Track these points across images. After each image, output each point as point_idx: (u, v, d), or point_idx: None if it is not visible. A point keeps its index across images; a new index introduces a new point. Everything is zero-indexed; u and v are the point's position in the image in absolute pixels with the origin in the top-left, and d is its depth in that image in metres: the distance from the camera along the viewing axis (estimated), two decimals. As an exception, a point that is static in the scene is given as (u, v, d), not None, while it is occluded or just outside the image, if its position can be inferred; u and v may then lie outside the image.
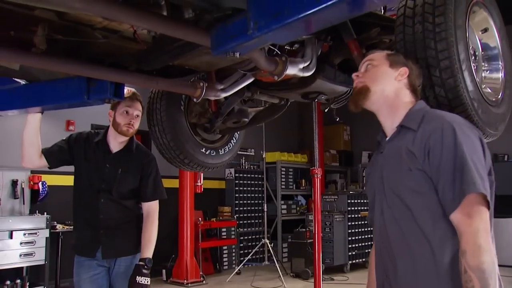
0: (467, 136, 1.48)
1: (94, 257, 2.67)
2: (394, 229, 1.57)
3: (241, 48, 1.82)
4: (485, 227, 1.39)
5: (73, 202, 2.82)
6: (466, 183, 1.39)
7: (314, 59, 2.47)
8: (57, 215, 6.19)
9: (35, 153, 2.71)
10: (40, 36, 2.17)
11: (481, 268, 1.32)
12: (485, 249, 1.35)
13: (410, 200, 1.53)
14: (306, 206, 9.58)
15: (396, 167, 1.59)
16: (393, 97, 1.70)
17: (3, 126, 6.07)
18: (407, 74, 1.73)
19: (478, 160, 1.45)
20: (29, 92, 2.69)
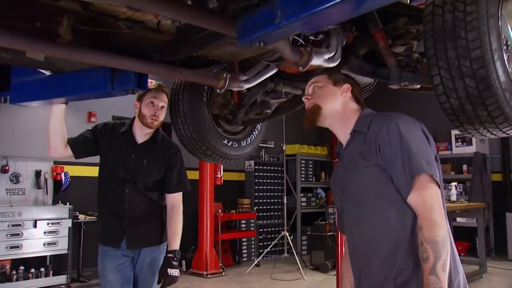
0: (410, 128, 1.64)
1: (118, 247, 2.68)
2: (363, 227, 1.70)
3: (267, 38, 1.79)
4: (438, 203, 1.53)
5: (97, 192, 2.83)
6: (414, 168, 1.55)
7: (339, 49, 2.42)
8: (79, 205, 6.27)
9: (60, 143, 2.72)
10: (65, 26, 2.18)
11: (435, 240, 1.46)
12: (439, 224, 1.49)
13: (371, 196, 1.66)
14: (325, 199, 9.53)
15: (353, 169, 1.73)
16: (342, 110, 1.88)
17: (27, 117, 6.15)
18: (350, 89, 1.91)
19: (422, 147, 1.61)
20: (53, 83, 2.71)
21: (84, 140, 2.79)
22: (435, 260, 1.45)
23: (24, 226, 5.53)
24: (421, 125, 1.72)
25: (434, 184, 1.56)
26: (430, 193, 1.54)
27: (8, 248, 5.39)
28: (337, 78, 1.96)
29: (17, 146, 6.06)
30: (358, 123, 1.81)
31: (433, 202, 1.53)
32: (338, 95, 1.90)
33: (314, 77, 2.02)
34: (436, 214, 1.50)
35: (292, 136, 8.87)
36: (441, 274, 1.45)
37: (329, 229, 7.35)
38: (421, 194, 1.54)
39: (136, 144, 2.79)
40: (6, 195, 5.85)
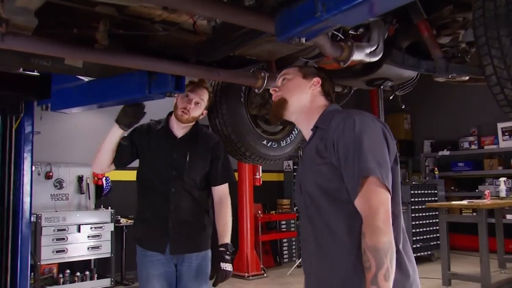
0: (367, 126, 1.54)
1: (163, 253, 2.56)
2: (312, 227, 1.63)
3: (307, 32, 1.72)
4: (385, 209, 1.43)
5: (138, 195, 2.75)
6: (362, 168, 1.46)
7: (381, 43, 2.33)
8: (120, 209, 6.35)
9: (107, 162, 2.66)
10: (102, 31, 2.17)
11: (377, 247, 1.37)
12: (382, 230, 1.39)
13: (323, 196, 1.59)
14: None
15: (310, 166, 1.67)
16: (309, 105, 1.81)
17: (68, 123, 6.28)
18: (319, 83, 1.84)
19: (377, 148, 1.51)
20: (92, 89, 2.73)
21: (123, 150, 2.70)
22: (377, 269, 1.37)
23: (68, 231, 5.64)
24: (382, 125, 1.63)
25: (383, 188, 1.45)
26: (376, 197, 1.44)
27: (55, 252, 5.51)
28: (307, 71, 1.89)
29: (60, 152, 6.19)
30: (320, 119, 1.74)
31: (379, 207, 1.42)
32: (306, 89, 1.83)
33: (285, 69, 1.95)
34: (380, 220, 1.41)
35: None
36: (382, 284, 1.37)
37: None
38: (367, 198, 1.45)
39: (176, 139, 2.69)
40: (51, 201, 5.99)
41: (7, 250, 3.07)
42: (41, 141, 5.04)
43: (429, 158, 9.30)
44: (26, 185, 3.15)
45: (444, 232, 5.85)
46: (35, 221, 5.32)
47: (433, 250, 7.75)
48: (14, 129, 3.09)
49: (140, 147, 2.71)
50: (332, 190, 1.57)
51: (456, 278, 5.90)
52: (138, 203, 2.75)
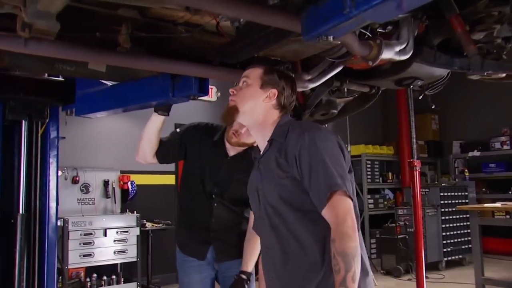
0: (326, 141, 1.64)
1: (204, 259, 2.54)
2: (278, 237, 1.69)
3: (335, 30, 1.65)
4: (351, 217, 1.54)
5: (179, 199, 2.71)
6: (328, 184, 1.55)
7: (411, 40, 2.23)
8: (146, 213, 6.35)
9: (149, 151, 2.58)
10: (124, 34, 2.15)
11: (346, 252, 1.48)
12: (350, 236, 1.50)
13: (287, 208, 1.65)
14: (394, 200, 9.15)
15: (271, 178, 1.70)
16: (262, 117, 1.80)
17: (93, 128, 6.32)
18: (276, 96, 1.81)
19: (337, 162, 1.61)
20: (115, 93, 2.71)
21: (170, 146, 2.62)
22: (346, 272, 1.48)
23: (95, 235, 5.65)
24: (337, 137, 1.71)
25: (348, 198, 1.57)
26: (343, 207, 1.55)
27: (81, 256, 5.53)
28: (268, 79, 1.83)
29: (86, 157, 6.24)
30: (276, 132, 1.77)
31: (346, 215, 1.54)
32: (260, 101, 1.80)
33: (251, 68, 1.89)
34: (348, 227, 1.51)
35: (356, 136, 8.59)
36: (351, 285, 1.48)
37: (400, 232, 7.01)
38: (334, 208, 1.55)
39: (227, 156, 2.58)
40: (77, 205, 6.03)
41: (34, 255, 3.07)
42: (67, 146, 5.09)
43: (458, 159, 9.06)
44: (52, 190, 3.15)
45: (477, 235, 5.65)
46: (62, 226, 5.35)
47: (465, 254, 7.56)
48: (40, 134, 3.09)
49: (190, 152, 2.62)
50: (295, 201, 1.65)
51: (491, 283, 5.70)
52: (180, 208, 2.72)
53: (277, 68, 1.93)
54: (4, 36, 1.86)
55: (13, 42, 1.85)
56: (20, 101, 2.98)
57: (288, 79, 1.89)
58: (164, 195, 6.79)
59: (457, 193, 7.60)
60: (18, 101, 2.97)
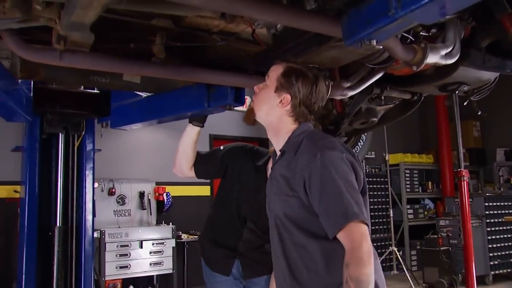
0: (340, 166, 1.54)
1: (228, 275, 2.49)
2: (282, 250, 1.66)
3: (379, 34, 1.56)
4: (367, 242, 1.47)
5: (212, 214, 2.65)
6: (345, 213, 1.48)
7: (458, 43, 2.11)
8: (181, 225, 6.33)
9: (186, 163, 2.51)
10: (159, 45, 2.12)
11: (360, 279, 1.41)
12: (365, 262, 1.44)
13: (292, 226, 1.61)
14: (434, 210, 8.86)
15: (278, 192, 1.66)
16: (276, 123, 1.71)
17: (128, 140, 6.37)
18: (289, 102, 1.69)
19: (351, 187, 1.52)
20: (150, 104, 2.69)
21: (210, 163, 2.55)
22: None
23: (131, 247, 5.67)
24: (351, 155, 1.61)
25: (362, 223, 1.49)
26: (358, 231, 1.48)
27: (118, 268, 5.54)
28: (285, 82, 1.70)
29: (121, 169, 6.29)
30: (288, 143, 1.68)
31: (362, 240, 1.47)
32: (274, 106, 1.70)
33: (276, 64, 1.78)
34: (363, 252, 1.45)
35: (393, 144, 8.38)
36: None
37: (443, 243, 6.75)
38: (349, 234, 1.48)
39: None
40: (114, 217, 6.07)
41: (71, 267, 3.08)
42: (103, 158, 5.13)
43: (503, 168, 8.69)
44: (88, 203, 3.15)
45: (526, 248, 5.38)
46: (99, 237, 5.38)
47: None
48: (76, 147, 3.10)
49: (230, 172, 2.53)
50: (300, 220, 1.59)
51: (541, 298, 5.40)
52: (209, 222, 2.64)
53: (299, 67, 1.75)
54: (39, 49, 1.86)
55: (49, 55, 1.84)
56: (57, 114, 2.99)
57: (306, 80, 1.71)
58: (200, 206, 6.76)
59: (504, 203, 7.26)
60: (55, 114, 2.99)
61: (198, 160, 2.52)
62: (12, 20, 1.65)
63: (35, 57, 1.85)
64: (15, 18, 1.64)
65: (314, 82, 1.72)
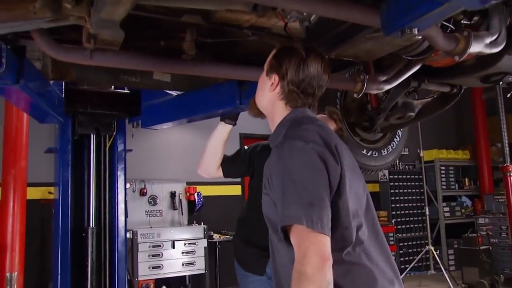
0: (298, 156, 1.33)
1: (263, 275, 2.48)
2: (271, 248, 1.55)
3: (421, 22, 1.47)
4: (316, 252, 1.22)
5: (243, 214, 2.65)
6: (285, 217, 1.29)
7: (504, 30, 1.99)
8: (213, 224, 6.33)
9: (214, 164, 2.50)
10: (189, 41, 2.07)
11: None
12: (309, 277, 1.19)
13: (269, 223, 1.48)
14: (472, 208, 8.60)
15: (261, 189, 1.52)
16: (270, 109, 1.58)
17: (158, 140, 6.39)
18: (277, 83, 1.53)
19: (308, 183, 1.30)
20: (181, 103, 2.66)
21: (238, 163, 2.55)
22: None
23: (163, 247, 5.69)
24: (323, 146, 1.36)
25: (312, 232, 1.24)
26: (306, 239, 1.24)
27: (151, 268, 5.57)
28: (275, 61, 1.56)
29: (152, 169, 6.32)
30: (274, 133, 1.54)
31: (307, 251, 1.22)
32: (266, 90, 1.57)
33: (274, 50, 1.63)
34: (308, 265, 1.21)
35: (428, 140, 8.16)
36: None
37: (482, 242, 6.52)
38: (295, 238, 1.27)
39: None
40: (145, 217, 6.10)
41: (105, 268, 3.07)
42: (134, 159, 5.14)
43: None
44: (121, 203, 3.14)
45: None
46: (132, 238, 5.41)
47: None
48: (107, 147, 3.09)
49: (257, 171, 2.52)
50: (273, 222, 1.45)
51: None
52: (242, 222, 2.64)
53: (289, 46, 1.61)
54: (70, 49, 1.84)
55: (79, 54, 1.82)
56: (88, 115, 2.99)
57: (293, 57, 1.52)
58: (231, 205, 6.73)
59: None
60: (86, 115, 2.99)
61: (225, 160, 2.50)
62: (42, 20, 1.63)
63: (65, 57, 1.83)
64: (45, 18, 1.62)
65: (302, 58, 1.52)
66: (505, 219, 6.58)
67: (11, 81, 1.83)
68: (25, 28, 1.68)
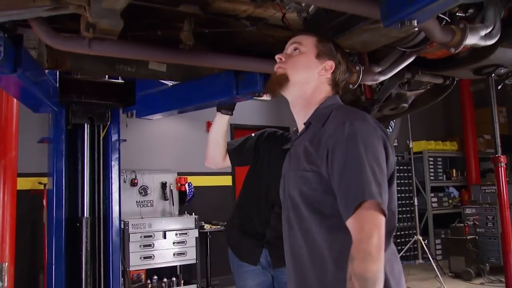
0: (370, 138, 1.38)
1: (256, 265, 2.50)
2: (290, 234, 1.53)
3: (422, 13, 1.48)
4: (379, 234, 1.28)
5: (240, 201, 2.64)
6: (362, 190, 1.30)
7: (498, 23, 2.02)
8: (204, 215, 6.33)
9: (219, 154, 2.52)
10: (187, 31, 2.06)
11: (365, 276, 1.23)
12: (373, 257, 1.25)
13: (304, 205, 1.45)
14: (459, 199, 8.72)
15: (296, 167, 1.50)
16: (311, 92, 1.59)
17: (149, 131, 6.37)
18: (332, 69, 1.61)
19: (378, 166, 1.35)
20: (177, 93, 2.66)
21: (245, 151, 2.56)
22: None
23: (154, 237, 5.70)
24: (384, 135, 1.45)
25: (379, 212, 1.30)
26: (371, 220, 1.29)
27: (142, 258, 5.59)
28: (325, 48, 1.63)
29: (143, 159, 6.30)
30: (315, 114, 1.55)
31: (373, 231, 1.27)
32: (315, 73, 1.59)
33: (300, 35, 1.68)
34: (372, 245, 1.26)
35: (417, 132, 8.24)
36: None
37: (469, 232, 6.64)
38: (360, 220, 1.29)
39: None
40: (136, 207, 6.10)
41: (99, 258, 3.09)
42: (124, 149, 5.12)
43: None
44: (115, 193, 3.15)
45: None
46: (123, 228, 5.41)
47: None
48: (101, 137, 3.09)
49: (261, 158, 2.54)
50: (314, 201, 1.43)
51: None
52: (236, 210, 2.63)
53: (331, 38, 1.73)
54: (68, 38, 1.83)
55: (78, 44, 1.81)
56: (82, 105, 2.98)
57: (343, 52, 1.70)
58: (221, 196, 6.76)
59: (533, 190, 7.13)
60: (80, 105, 2.98)
61: (233, 150, 2.51)
62: (42, 9, 1.62)
63: (64, 46, 1.82)
64: (44, 6, 1.61)
65: (347, 57, 1.73)
66: (491, 209, 6.69)
67: (9, 70, 1.81)
68: (25, 17, 1.66)
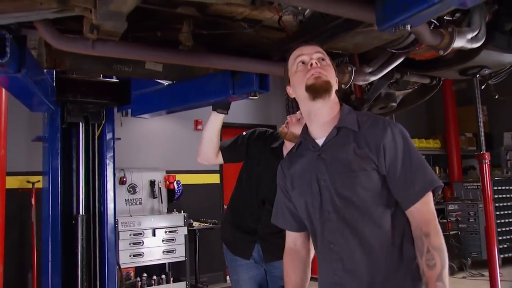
0: (409, 137, 1.63)
1: (248, 258, 2.57)
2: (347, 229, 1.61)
3: (415, 19, 1.58)
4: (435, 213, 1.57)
5: (233, 198, 2.70)
6: (430, 180, 1.56)
7: (483, 26, 2.13)
8: (192, 212, 6.37)
9: (212, 151, 2.58)
10: (186, 33, 2.12)
11: (441, 248, 1.49)
12: (440, 232, 1.53)
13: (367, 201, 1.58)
14: (442, 195, 8.90)
15: (346, 170, 1.60)
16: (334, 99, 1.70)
17: (137, 129, 6.37)
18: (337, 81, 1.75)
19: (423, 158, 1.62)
20: (173, 92, 2.70)
21: (237, 149, 2.62)
22: (442, 267, 1.47)
23: (144, 235, 5.72)
24: None
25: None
26: (432, 203, 1.56)
27: (132, 256, 5.61)
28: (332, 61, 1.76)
29: (131, 157, 6.28)
30: (344, 119, 1.66)
31: (435, 212, 1.56)
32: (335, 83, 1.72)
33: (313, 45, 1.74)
34: (437, 222, 1.54)
35: (400, 130, 8.37)
36: (446, 281, 1.47)
37: (452, 228, 6.80)
38: (427, 203, 1.55)
39: None
40: (125, 206, 6.10)
41: (95, 255, 3.12)
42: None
43: (510, 152, 8.70)
44: (110, 191, 3.18)
45: (536, 231, 5.42)
46: (113, 226, 5.42)
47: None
48: (96, 136, 3.13)
49: (251, 156, 2.60)
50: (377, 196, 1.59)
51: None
52: (230, 206, 2.71)
53: None
54: (72, 39, 1.87)
55: (82, 45, 1.85)
56: (77, 104, 3.01)
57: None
58: (210, 194, 6.81)
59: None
60: (75, 104, 3.01)
61: (226, 148, 2.57)
62: (48, 11, 1.66)
63: (68, 46, 1.86)
64: (51, 9, 1.65)
65: None
66: (473, 206, 6.87)
67: (13, 70, 1.85)
68: (32, 19, 1.70)
